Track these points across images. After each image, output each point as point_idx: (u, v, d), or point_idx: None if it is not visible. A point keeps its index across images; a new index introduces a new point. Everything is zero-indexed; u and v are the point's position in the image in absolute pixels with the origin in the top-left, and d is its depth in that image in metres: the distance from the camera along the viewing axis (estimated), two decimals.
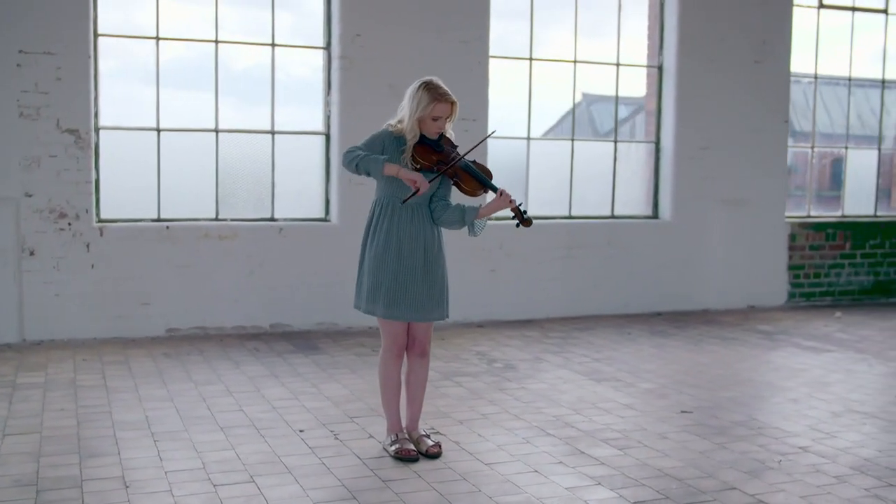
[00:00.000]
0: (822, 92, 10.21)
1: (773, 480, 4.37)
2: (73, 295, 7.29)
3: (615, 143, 9.25)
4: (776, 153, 9.56)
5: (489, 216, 4.53)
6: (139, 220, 7.59)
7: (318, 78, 8.14)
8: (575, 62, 8.97)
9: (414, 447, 4.63)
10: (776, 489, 4.26)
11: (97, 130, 7.42)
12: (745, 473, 4.46)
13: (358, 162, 4.47)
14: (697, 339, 7.90)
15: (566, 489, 4.22)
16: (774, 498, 4.15)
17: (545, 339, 7.77)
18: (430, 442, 4.68)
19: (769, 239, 9.63)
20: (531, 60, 8.78)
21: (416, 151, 4.55)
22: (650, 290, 9.12)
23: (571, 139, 9.07)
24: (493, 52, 8.45)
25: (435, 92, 4.48)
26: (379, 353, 4.76)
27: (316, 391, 5.90)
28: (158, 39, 7.62)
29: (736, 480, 4.36)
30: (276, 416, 5.33)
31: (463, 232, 4.72)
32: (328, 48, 8.06)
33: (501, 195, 4.47)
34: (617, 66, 9.18)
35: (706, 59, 9.15)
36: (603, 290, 8.95)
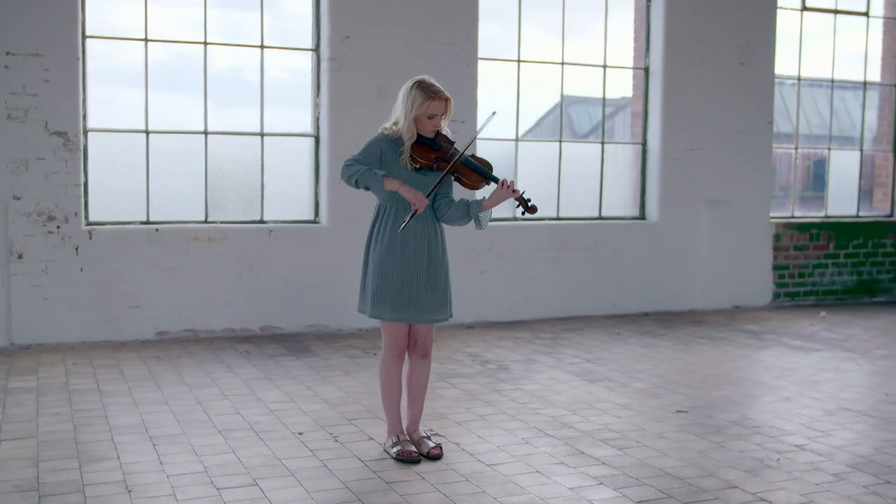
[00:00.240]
0: (804, 94, 10.30)
1: (772, 479, 4.41)
2: (61, 298, 7.23)
3: (602, 144, 9.30)
4: (761, 154, 9.64)
5: (494, 207, 4.57)
6: (128, 222, 7.54)
7: (306, 80, 8.12)
8: (563, 64, 9.00)
9: (415, 449, 4.63)
10: (777, 487, 4.30)
11: (85, 133, 7.37)
12: (744, 472, 4.50)
13: (357, 178, 4.46)
14: (686, 339, 7.95)
15: (569, 489, 4.24)
16: (775, 496, 4.19)
17: (536, 339, 7.80)
18: (431, 443, 4.69)
19: (754, 239, 9.71)
20: (519, 62, 8.80)
21: (414, 151, 4.56)
22: (637, 290, 9.17)
23: (559, 140, 9.11)
24: (480, 54, 8.47)
25: (429, 90, 4.49)
26: (380, 354, 4.76)
27: (311, 394, 5.89)
28: (147, 41, 7.58)
29: (736, 479, 4.40)
30: (273, 419, 5.31)
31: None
32: (317, 50, 8.05)
33: (504, 185, 4.50)
34: (604, 67, 9.23)
35: (692, 60, 9.22)
36: (591, 290, 8.99)
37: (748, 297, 9.72)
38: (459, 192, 4.86)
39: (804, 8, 9.96)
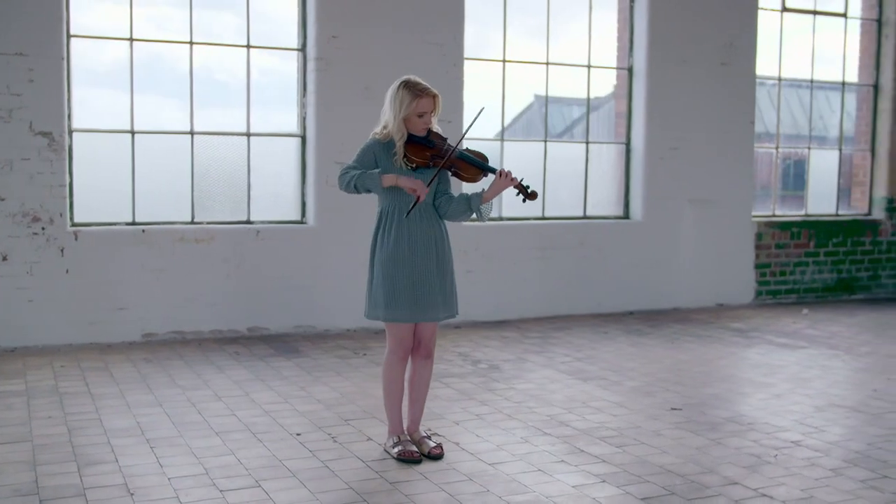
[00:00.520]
0: (784, 94, 10.40)
1: (772, 474, 4.46)
2: (47, 300, 7.15)
3: (587, 144, 9.34)
4: (743, 154, 9.73)
5: (494, 198, 4.59)
6: (114, 223, 7.47)
7: (284, 79, 8.09)
8: (547, 64, 9.03)
9: (416, 449, 4.63)
10: (777, 483, 4.34)
11: (70, 133, 7.29)
12: (744, 468, 4.54)
13: (355, 182, 4.45)
14: (673, 337, 8.00)
15: (573, 487, 4.25)
16: (776, 491, 4.23)
17: (524, 339, 7.81)
18: (431, 443, 4.69)
19: (737, 238, 9.80)
20: (504, 62, 8.82)
21: (408, 150, 4.56)
22: (622, 289, 9.22)
23: (544, 140, 9.14)
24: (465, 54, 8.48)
25: (415, 88, 4.50)
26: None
27: (305, 394, 5.87)
28: (132, 41, 7.51)
29: (737, 475, 4.43)
30: (269, 420, 5.28)
31: None
32: (303, 50, 8.02)
33: (502, 175, 4.52)
34: (588, 67, 9.27)
35: (675, 61, 9.28)
36: (576, 290, 9.03)
37: (731, 295, 9.80)
38: (458, 186, 4.86)
39: (784, 9, 10.06)
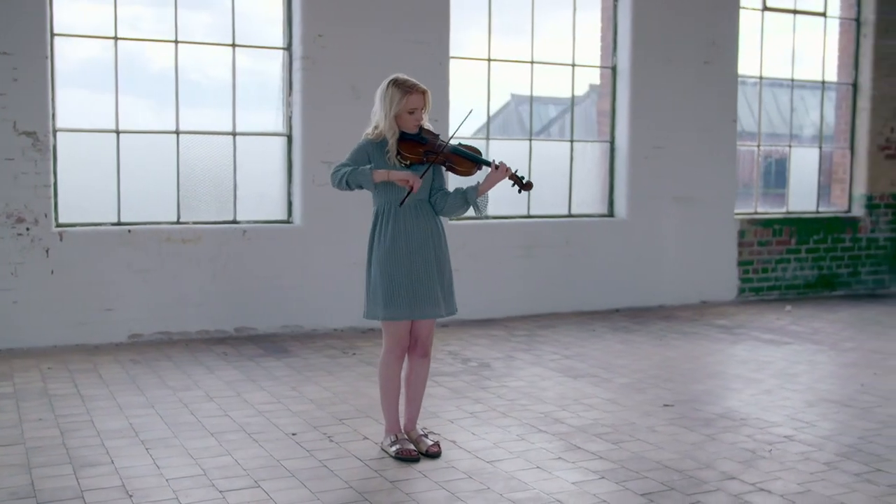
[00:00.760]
0: (766, 92, 10.49)
1: (768, 469, 4.50)
2: (32, 302, 7.08)
3: (571, 142, 9.37)
4: (725, 152, 9.80)
5: (490, 190, 4.60)
6: (99, 223, 7.40)
7: (271, 78, 8.06)
8: (532, 63, 9.06)
9: (414, 447, 4.62)
10: (773, 477, 4.38)
11: (55, 133, 7.22)
12: (740, 463, 4.57)
13: (347, 178, 4.45)
14: (660, 334, 8.05)
15: (573, 484, 4.27)
16: (774, 486, 4.26)
17: (512, 337, 7.83)
18: (429, 441, 4.69)
19: (720, 235, 9.87)
20: (489, 61, 8.84)
21: (401, 148, 4.56)
22: (608, 287, 9.26)
23: (529, 139, 9.17)
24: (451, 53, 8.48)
25: (404, 85, 4.51)
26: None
27: (297, 394, 5.85)
28: (117, 39, 7.45)
29: (733, 470, 4.47)
30: (264, 420, 5.26)
31: None
32: (289, 49, 7.99)
33: (498, 167, 4.54)
34: (572, 66, 9.31)
35: (659, 60, 9.33)
36: (562, 288, 9.05)
37: (714, 292, 9.87)
38: (453, 181, 4.86)
39: (765, 8, 10.14)
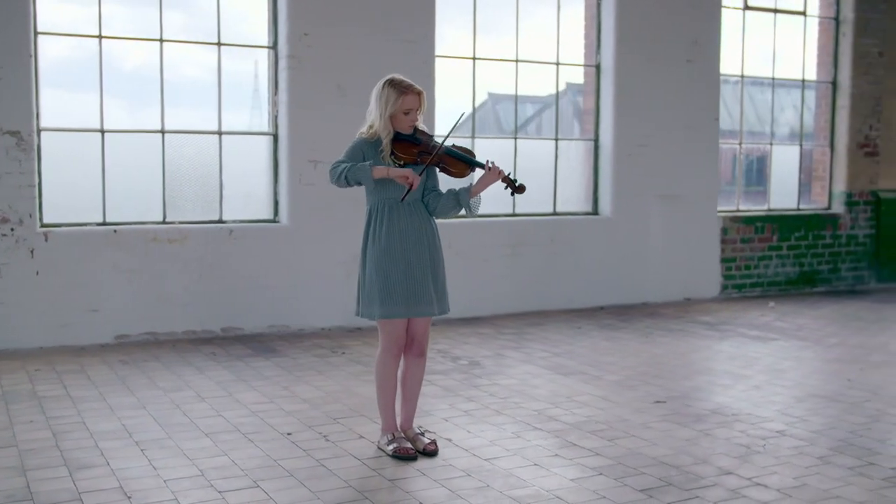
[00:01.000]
0: (747, 91, 10.57)
1: (763, 463, 4.53)
2: (17, 303, 7.01)
3: (556, 141, 9.40)
4: (708, 150, 9.86)
5: (482, 191, 4.62)
6: (85, 224, 7.34)
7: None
8: (517, 62, 9.08)
9: (411, 446, 4.62)
10: (769, 472, 4.42)
11: (39, 132, 7.15)
12: (735, 458, 4.61)
13: (346, 174, 4.44)
14: (646, 331, 8.09)
15: (571, 481, 4.29)
16: (770, 480, 4.30)
17: (500, 335, 7.84)
18: (426, 440, 4.69)
19: (703, 233, 9.93)
20: (474, 60, 8.85)
21: (395, 148, 4.56)
22: (593, 284, 9.29)
23: (514, 138, 9.19)
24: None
25: (400, 86, 4.52)
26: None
27: (289, 394, 5.83)
28: (101, 38, 7.39)
29: (729, 465, 4.50)
30: (257, 420, 5.24)
31: None
32: (274, 47, 7.96)
33: (491, 169, 4.55)
34: (556, 65, 9.34)
35: (642, 58, 9.38)
36: (548, 285, 9.08)
37: (698, 289, 9.94)
38: (446, 182, 4.86)
39: (746, 7, 10.22)
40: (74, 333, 7.18)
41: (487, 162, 4.63)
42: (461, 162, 4.66)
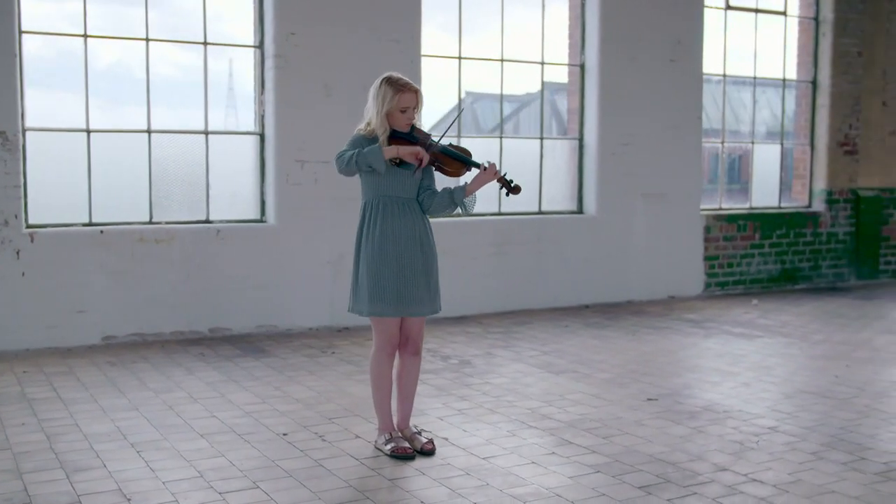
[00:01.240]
0: (729, 91, 10.66)
1: (758, 460, 4.58)
2: (3, 304, 6.95)
3: (541, 140, 9.43)
4: (691, 149, 9.93)
5: (477, 190, 4.64)
6: (71, 224, 7.29)
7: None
8: (502, 61, 9.10)
9: (409, 445, 4.63)
10: (764, 468, 4.47)
11: (24, 132, 7.09)
12: (730, 455, 4.65)
13: (356, 159, 4.44)
14: (632, 329, 8.14)
15: (569, 478, 4.31)
16: (765, 476, 4.35)
17: (488, 334, 7.87)
18: (423, 439, 4.70)
19: (686, 231, 10.00)
20: (460, 59, 8.86)
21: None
22: (578, 283, 9.34)
23: (500, 137, 9.21)
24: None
25: (397, 84, 4.54)
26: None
27: (282, 394, 5.82)
28: (86, 37, 7.34)
29: (725, 462, 4.55)
30: (252, 420, 5.23)
31: None
32: (260, 47, 7.93)
33: (487, 168, 4.58)
34: (541, 64, 9.37)
35: (626, 57, 9.42)
36: (534, 284, 9.11)
37: (681, 287, 10.01)
38: (441, 181, 4.87)
39: (728, 7, 10.30)
40: (61, 335, 7.13)
41: (483, 162, 4.65)
42: (457, 161, 4.68)
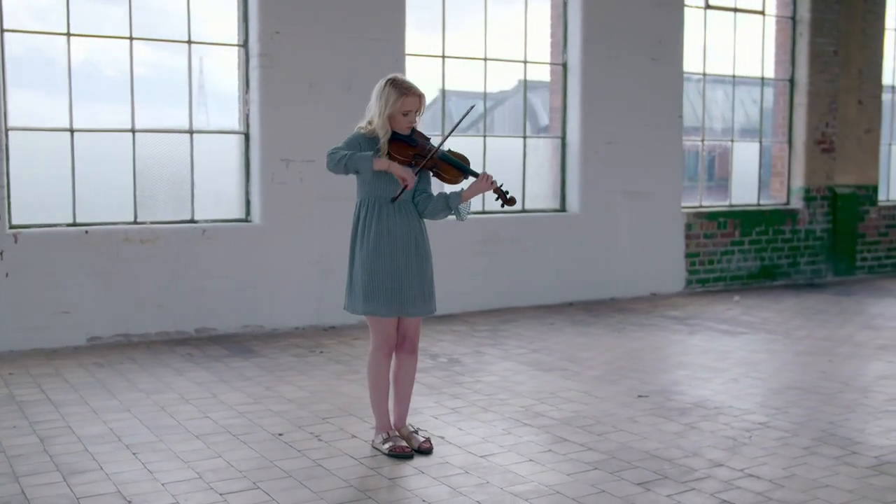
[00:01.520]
0: (709, 89, 10.75)
1: (752, 455, 4.64)
2: None
3: (524, 138, 9.47)
4: (672, 147, 10.01)
5: (472, 199, 4.65)
6: (55, 225, 7.22)
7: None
8: (485, 60, 9.13)
9: (406, 444, 4.64)
10: (759, 463, 4.52)
11: (7, 132, 7.01)
12: (724, 451, 4.71)
13: (346, 162, 4.45)
14: (617, 326, 8.20)
15: (568, 475, 4.34)
16: (761, 471, 4.40)
17: (475, 332, 7.89)
18: (420, 438, 4.71)
19: (668, 229, 10.08)
20: (444, 58, 8.88)
21: (391, 148, 4.58)
22: (562, 281, 9.38)
23: (483, 136, 9.23)
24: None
25: (402, 87, 4.54)
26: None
27: (274, 394, 5.81)
28: (69, 36, 7.27)
29: (720, 457, 4.60)
30: (246, 421, 5.22)
31: None
32: (245, 46, 7.90)
33: (484, 178, 4.59)
34: (524, 63, 9.40)
35: (608, 57, 9.48)
36: (518, 282, 9.15)
37: (663, 284, 10.09)
38: (437, 187, 4.90)
39: (707, 6, 10.39)
40: (46, 336, 7.07)
41: (481, 171, 4.66)
42: (455, 168, 4.69)
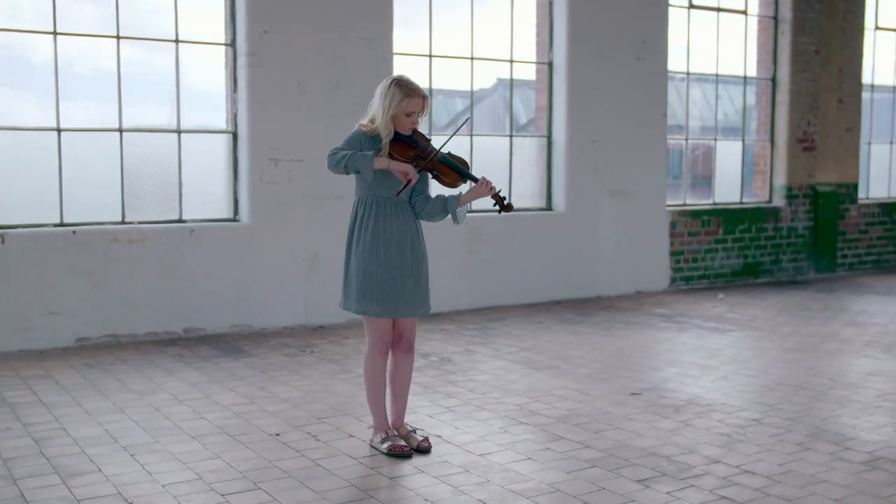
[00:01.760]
0: (693, 88, 10.83)
1: (748, 451, 4.68)
2: None
3: (510, 137, 9.49)
4: (657, 146, 10.07)
5: (470, 202, 4.66)
6: (42, 225, 7.17)
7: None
8: (472, 59, 9.15)
9: (405, 443, 4.65)
10: (755, 459, 4.57)
11: None
12: (720, 447, 4.75)
13: (346, 161, 4.45)
14: (605, 324, 8.24)
15: (568, 473, 4.37)
16: (758, 467, 4.45)
17: (464, 331, 7.91)
18: (419, 437, 4.72)
19: (653, 227, 10.14)
20: (430, 57, 8.88)
21: (393, 149, 4.58)
22: (548, 279, 9.42)
23: (470, 135, 9.25)
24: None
25: (406, 88, 4.54)
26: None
27: (268, 394, 5.80)
28: (56, 35, 7.21)
29: (716, 454, 4.64)
30: (242, 421, 5.21)
31: None
32: (233, 45, 7.87)
33: (482, 183, 4.60)
34: (510, 62, 9.43)
35: (593, 56, 9.52)
36: (505, 281, 9.18)
37: (648, 282, 10.15)
38: (437, 190, 4.89)
39: (691, 6, 10.46)
40: (34, 337, 7.02)
41: (482, 178, 4.65)
42: (454, 172, 4.69)
